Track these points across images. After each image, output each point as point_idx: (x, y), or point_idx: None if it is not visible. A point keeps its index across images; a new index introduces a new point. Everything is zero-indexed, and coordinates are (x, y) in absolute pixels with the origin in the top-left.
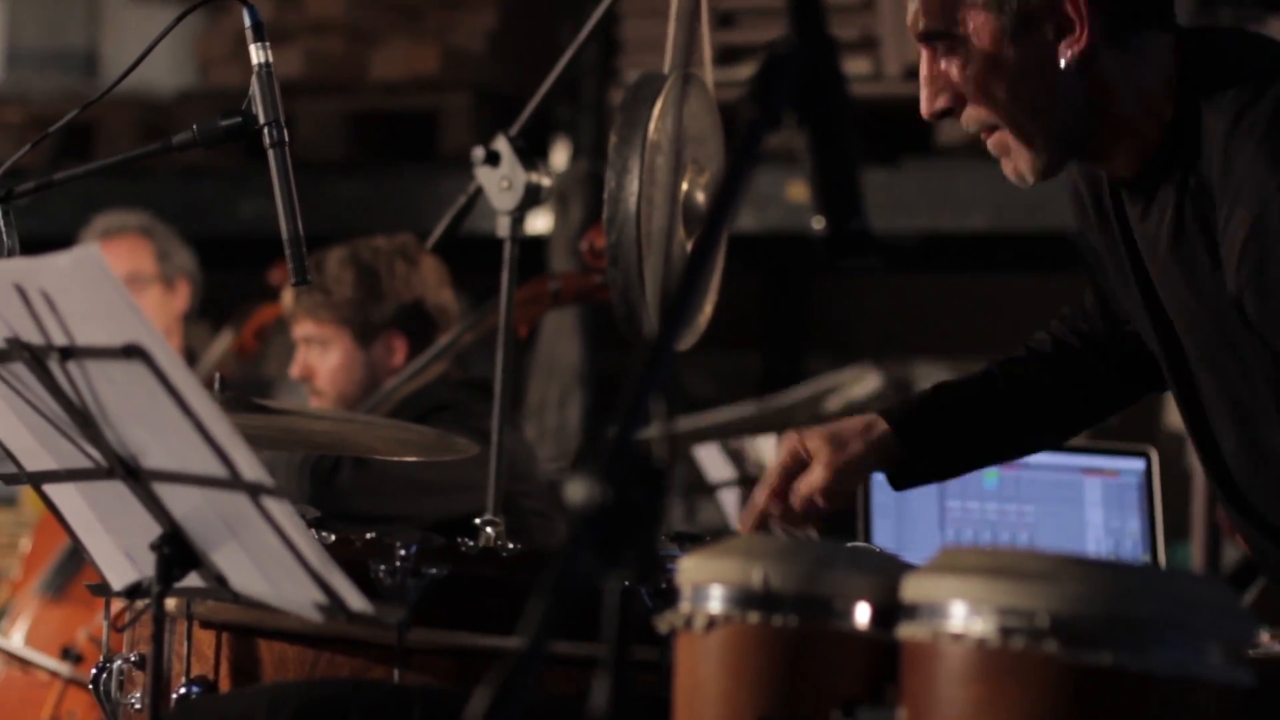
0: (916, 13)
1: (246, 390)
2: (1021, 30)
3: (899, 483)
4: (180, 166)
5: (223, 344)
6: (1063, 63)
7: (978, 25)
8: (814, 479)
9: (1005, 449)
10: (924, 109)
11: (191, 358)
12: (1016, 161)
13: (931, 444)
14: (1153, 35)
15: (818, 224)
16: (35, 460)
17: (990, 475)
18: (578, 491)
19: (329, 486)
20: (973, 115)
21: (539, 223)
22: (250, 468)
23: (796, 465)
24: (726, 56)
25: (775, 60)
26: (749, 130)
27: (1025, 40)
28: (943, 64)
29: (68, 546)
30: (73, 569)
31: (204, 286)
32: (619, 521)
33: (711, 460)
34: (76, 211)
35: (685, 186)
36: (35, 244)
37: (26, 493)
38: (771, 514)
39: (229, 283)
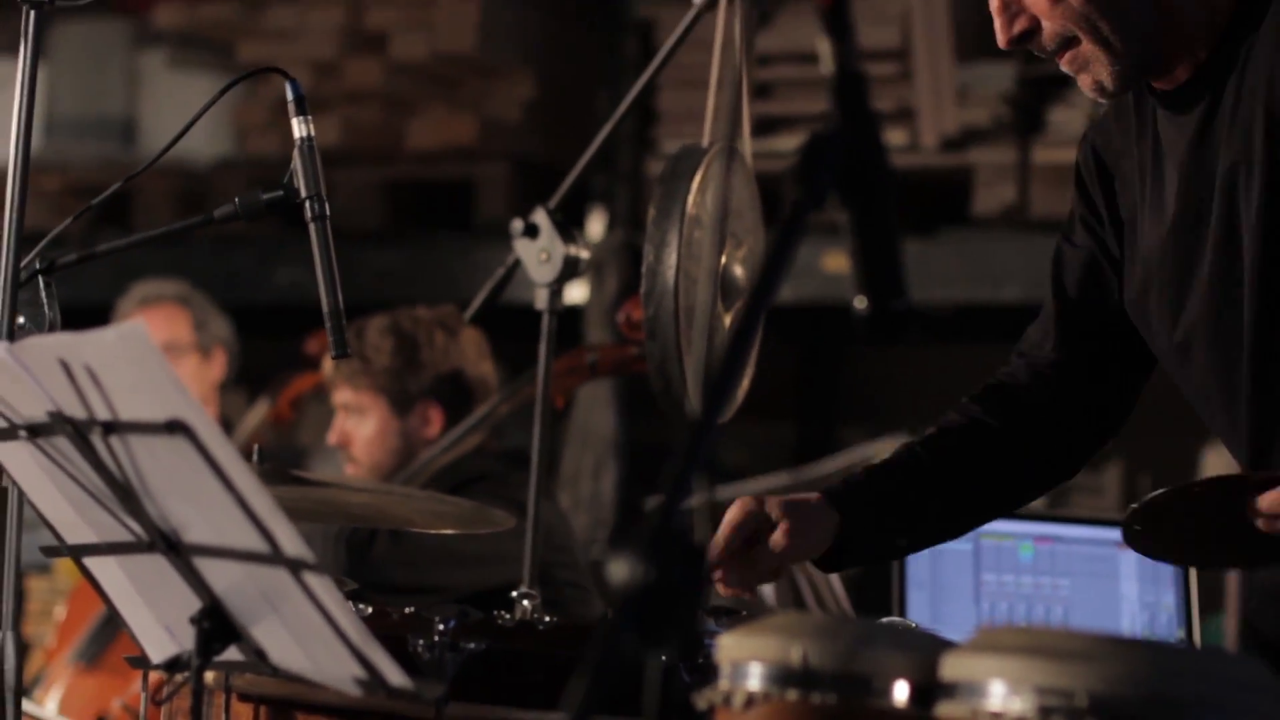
0: None
1: (280, 459)
2: None
3: (827, 565)
4: (216, 235)
5: (258, 413)
6: None
7: None
8: (779, 543)
9: (942, 527)
10: (1001, 39)
11: (227, 426)
12: (1096, 72)
13: (868, 527)
14: None
15: (860, 303)
16: (76, 533)
17: (1025, 548)
18: (619, 569)
19: (364, 558)
20: (1050, 31)
21: (574, 292)
22: (292, 543)
23: (751, 525)
24: (764, 127)
25: (819, 140)
26: (793, 210)
27: None
28: None
29: (102, 615)
30: (107, 638)
31: (240, 355)
32: (660, 599)
33: None
34: (112, 279)
35: (723, 260)
36: (71, 311)
37: (61, 560)
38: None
39: (264, 351)
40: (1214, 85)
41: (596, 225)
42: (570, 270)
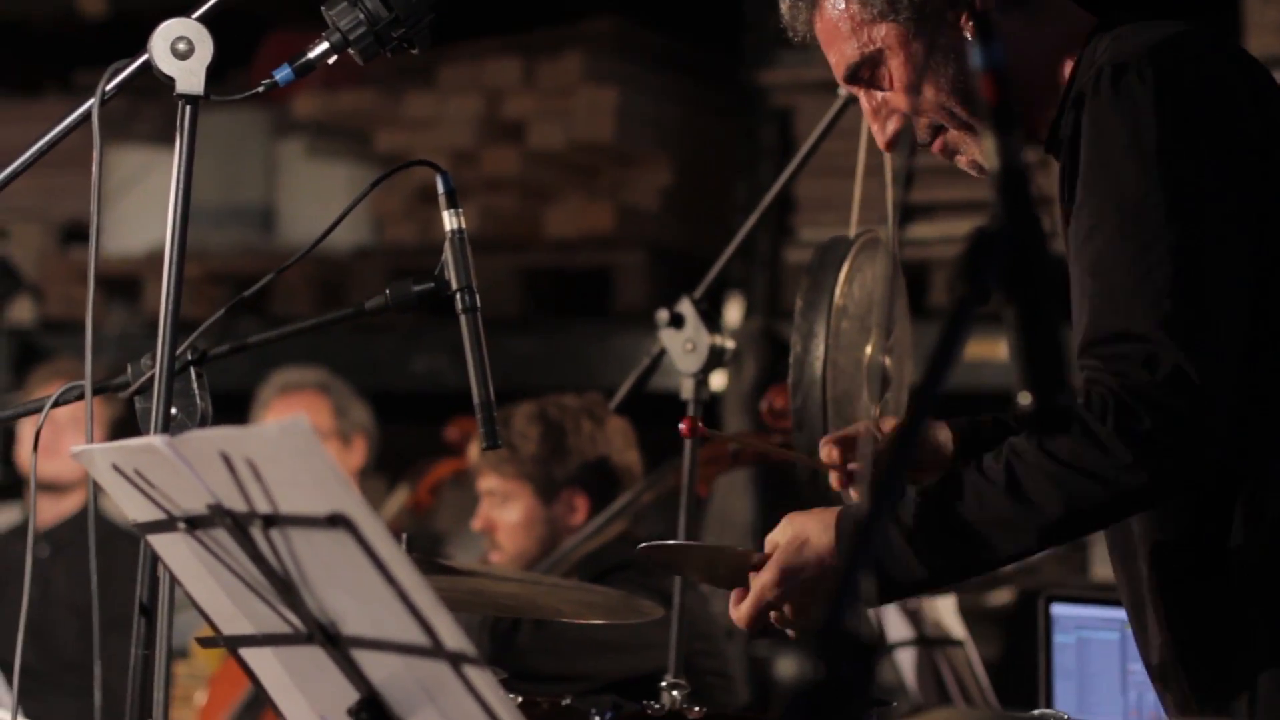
0: (835, 63)
1: (418, 545)
2: (922, 22)
3: None
4: (354, 322)
5: (398, 500)
6: (969, 36)
7: (884, 36)
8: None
9: None
10: (880, 142)
11: None
12: (968, 152)
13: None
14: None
15: (1023, 398)
16: (233, 624)
17: None
18: (788, 665)
19: (509, 645)
20: (920, 125)
21: (713, 380)
22: (452, 636)
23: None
24: (905, 215)
25: (984, 238)
26: (958, 308)
27: (929, 30)
28: (877, 95)
29: (243, 701)
30: None
31: (379, 441)
32: (829, 697)
33: (889, 619)
34: (252, 366)
35: (869, 350)
36: (210, 398)
37: (197, 645)
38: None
39: (403, 437)
40: (1057, 142)
41: (734, 312)
42: (715, 360)
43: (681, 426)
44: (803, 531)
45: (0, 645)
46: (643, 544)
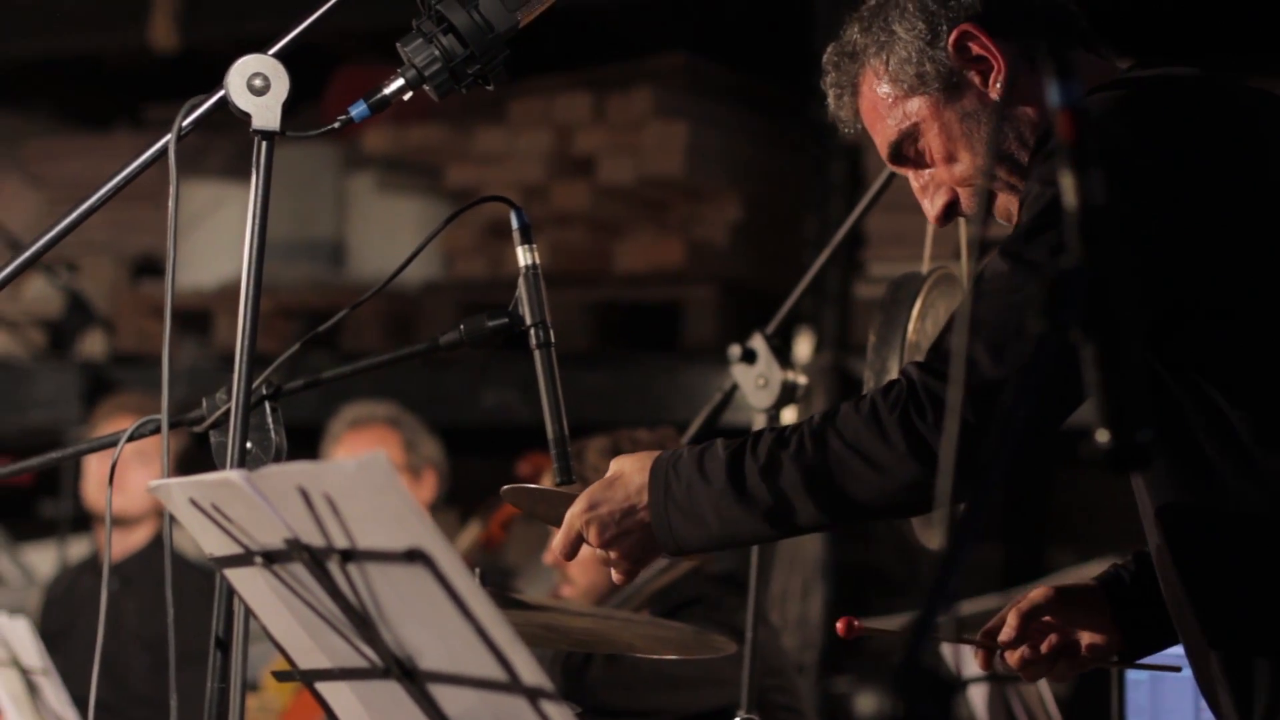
0: (879, 144)
1: (491, 579)
2: (951, 90)
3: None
4: (426, 357)
5: (470, 535)
6: (995, 95)
7: (917, 110)
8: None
9: None
10: (931, 218)
11: None
12: (1017, 216)
13: (1143, 622)
14: (1084, 51)
15: (1101, 436)
16: (309, 658)
17: None
18: (868, 703)
19: (581, 680)
20: (965, 195)
21: (784, 414)
22: (530, 672)
23: (1035, 612)
24: (980, 250)
25: (1063, 274)
26: (1038, 346)
27: (959, 96)
28: (924, 173)
29: None
30: None
31: (449, 476)
32: None
33: (962, 656)
34: (322, 400)
35: None
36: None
37: (269, 678)
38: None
39: (472, 471)
40: None
41: (804, 347)
42: (788, 396)
43: (839, 626)
44: (620, 469)
45: (74, 679)
46: (505, 487)
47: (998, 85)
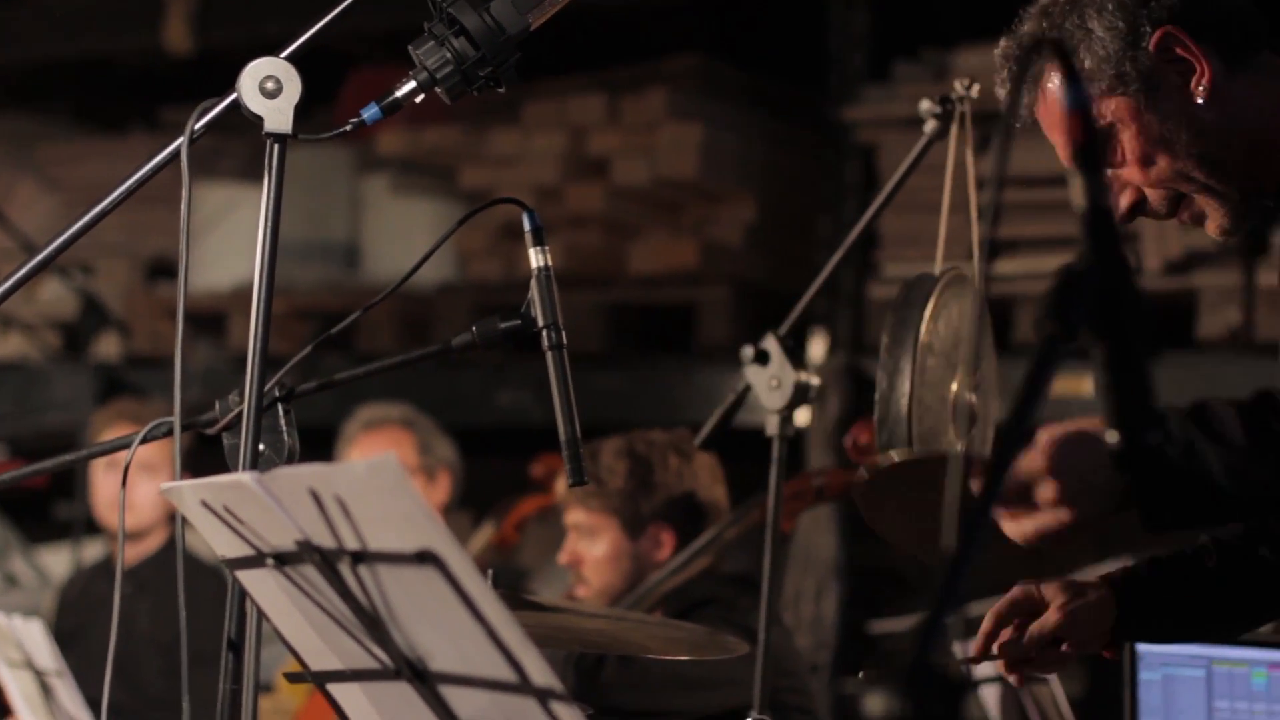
0: (1061, 144)
1: (503, 580)
2: (1152, 92)
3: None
4: (440, 358)
5: (484, 536)
6: (1200, 100)
7: (1114, 110)
8: (1047, 621)
9: (1215, 628)
10: (1116, 217)
11: None
12: (1213, 218)
13: (1143, 614)
14: (1270, 54)
15: (1111, 437)
16: (320, 659)
17: (1259, 675)
18: (878, 704)
19: (593, 681)
20: (1155, 196)
21: (797, 415)
22: (540, 673)
23: (1026, 604)
24: (991, 251)
25: (1071, 274)
26: (1045, 347)
27: (1158, 98)
28: (1110, 172)
29: None
30: None
31: (463, 477)
32: None
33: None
34: (336, 402)
35: (955, 387)
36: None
37: (282, 680)
38: (1000, 646)
39: (487, 473)
40: None
41: (818, 348)
42: (801, 396)
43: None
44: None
45: (88, 683)
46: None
47: (1200, 88)
